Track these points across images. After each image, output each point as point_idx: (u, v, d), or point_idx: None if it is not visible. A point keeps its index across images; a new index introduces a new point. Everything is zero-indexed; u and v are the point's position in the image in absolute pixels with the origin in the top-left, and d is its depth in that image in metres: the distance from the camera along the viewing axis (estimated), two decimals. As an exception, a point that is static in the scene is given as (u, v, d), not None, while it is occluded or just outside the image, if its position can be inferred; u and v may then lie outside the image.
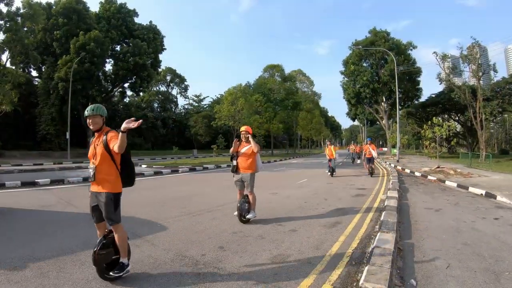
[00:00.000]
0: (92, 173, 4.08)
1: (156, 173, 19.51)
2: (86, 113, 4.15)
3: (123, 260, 4.21)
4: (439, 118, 28.53)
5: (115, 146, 3.86)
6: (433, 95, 50.31)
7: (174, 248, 5.54)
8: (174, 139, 69.95)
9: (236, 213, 7.32)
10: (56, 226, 6.92)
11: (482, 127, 35.43)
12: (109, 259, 4.20)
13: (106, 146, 4.04)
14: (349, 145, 40.35)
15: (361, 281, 3.91)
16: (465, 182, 14.95)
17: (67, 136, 37.87)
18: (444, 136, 23.43)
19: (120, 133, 3.74)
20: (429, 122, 24.50)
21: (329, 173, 19.11)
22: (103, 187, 4.09)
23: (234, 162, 7.56)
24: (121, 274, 4.12)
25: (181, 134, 74.38)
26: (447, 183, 15.29)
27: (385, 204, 8.98)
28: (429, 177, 17.85)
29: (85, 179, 15.48)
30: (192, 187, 14.09)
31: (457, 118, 51.62)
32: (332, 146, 19.78)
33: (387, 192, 11.46)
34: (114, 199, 4.16)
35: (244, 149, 7.54)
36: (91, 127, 4.19)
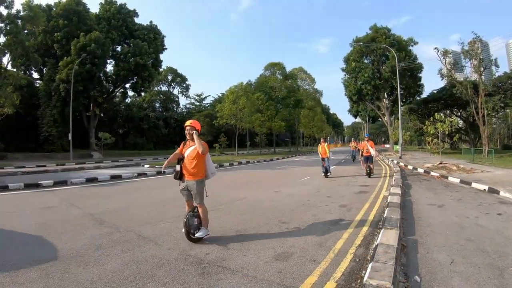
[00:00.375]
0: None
1: (159, 173, 19.51)
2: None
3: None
4: (441, 114, 28.42)
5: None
6: (435, 91, 50.19)
7: (178, 247, 5.56)
8: (176, 139, 69.80)
9: (183, 229, 5.87)
10: (60, 227, 6.94)
11: (485, 122, 35.33)
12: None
13: None
14: (350, 142, 40.06)
15: (365, 278, 3.92)
16: (468, 178, 14.93)
17: (69, 138, 37.87)
18: (447, 132, 23.35)
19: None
20: (431, 118, 24.45)
21: (323, 174, 17.40)
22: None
23: (178, 167, 6.15)
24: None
25: (183, 133, 74.16)
26: (450, 179, 15.27)
27: (388, 200, 8.98)
28: (431, 173, 17.83)
29: (88, 180, 15.55)
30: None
31: (459, 113, 51.48)
32: (326, 143, 17.86)
33: (390, 188, 11.45)
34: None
35: (188, 150, 6.02)
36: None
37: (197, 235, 5.78)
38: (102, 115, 56.02)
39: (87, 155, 42.89)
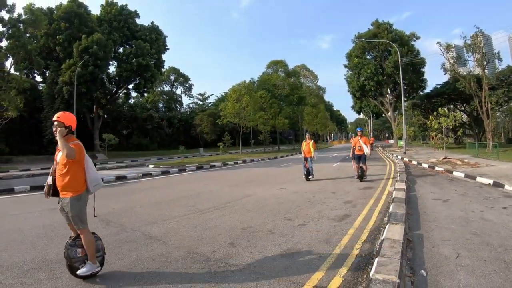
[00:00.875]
0: None
1: (164, 173, 19.56)
2: None
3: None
4: (445, 109, 28.28)
5: None
6: (438, 86, 50.01)
7: (184, 245, 5.58)
8: (180, 138, 70.06)
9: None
10: (67, 228, 6.97)
11: (488, 116, 35.19)
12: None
13: None
14: (351, 138, 39.71)
15: (371, 273, 3.93)
16: (473, 172, 14.90)
17: (74, 139, 37.98)
18: (451, 127, 23.28)
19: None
20: (435, 113, 24.37)
21: (303, 177, 14.68)
22: None
23: (50, 179, 4.58)
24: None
25: (187, 133, 74.51)
26: (455, 173, 15.24)
27: (393, 196, 8.99)
28: (436, 168, 17.79)
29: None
30: (200, 185, 14.14)
31: (463, 108, 51.30)
32: (312, 141, 15.05)
33: (394, 184, 11.45)
34: None
35: (59, 155, 4.47)
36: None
37: (79, 272, 4.18)
38: (105, 116, 56.26)
39: (91, 157, 42.63)
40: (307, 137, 15.31)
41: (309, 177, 14.41)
